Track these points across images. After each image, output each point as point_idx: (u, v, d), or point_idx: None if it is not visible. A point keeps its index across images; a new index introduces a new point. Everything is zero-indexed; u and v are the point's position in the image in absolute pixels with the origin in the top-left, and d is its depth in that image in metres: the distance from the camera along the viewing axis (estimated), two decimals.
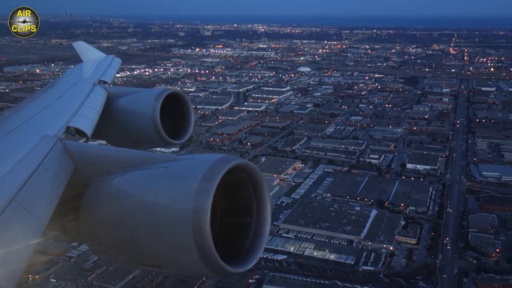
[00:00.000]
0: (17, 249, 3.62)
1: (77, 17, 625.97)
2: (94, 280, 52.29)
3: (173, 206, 4.15)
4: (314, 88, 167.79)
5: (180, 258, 4.22)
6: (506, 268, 55.99)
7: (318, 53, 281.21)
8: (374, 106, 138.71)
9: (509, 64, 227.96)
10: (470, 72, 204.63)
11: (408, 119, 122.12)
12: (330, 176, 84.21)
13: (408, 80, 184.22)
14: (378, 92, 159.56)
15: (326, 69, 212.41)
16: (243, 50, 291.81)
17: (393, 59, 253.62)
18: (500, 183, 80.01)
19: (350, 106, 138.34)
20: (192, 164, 4.50)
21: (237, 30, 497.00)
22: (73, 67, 13.47)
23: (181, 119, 8.73)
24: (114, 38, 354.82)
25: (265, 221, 4.68)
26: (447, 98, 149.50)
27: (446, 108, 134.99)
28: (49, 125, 6.07)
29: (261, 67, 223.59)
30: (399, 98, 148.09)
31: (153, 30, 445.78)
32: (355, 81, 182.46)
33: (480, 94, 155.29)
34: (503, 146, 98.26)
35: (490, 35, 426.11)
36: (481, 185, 79.41)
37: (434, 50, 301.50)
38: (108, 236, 4.70)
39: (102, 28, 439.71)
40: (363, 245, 61.49)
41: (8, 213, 3.74)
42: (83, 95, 8.20)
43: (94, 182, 4.92)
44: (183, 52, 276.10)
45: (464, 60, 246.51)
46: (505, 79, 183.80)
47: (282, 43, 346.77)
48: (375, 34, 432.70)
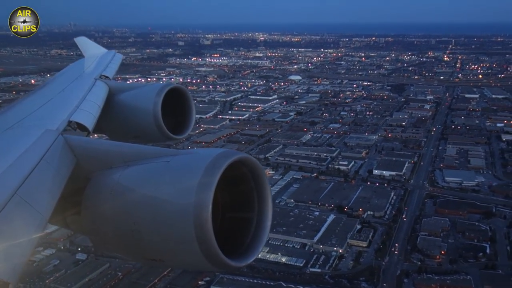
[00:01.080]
0: (19, 243, 3.62)
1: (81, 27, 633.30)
2: (52, 282, 55.39)
3: (175, 201, 4.15)
4: (301, 96, 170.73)
5: (182, 252, 4.24)
6: (448, 269, 58.46)
7: (313, 62, 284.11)
8: (355, 113, 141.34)
9: (498, 71, 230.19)
10: (458, 79, 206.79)
11: (386, 126, 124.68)
12: (298, 182, 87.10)
13: (396, 87, 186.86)
14: (363, 100, 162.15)
15: (316, 78, 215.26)
16: (239, 59, 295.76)
17: (385, 66, 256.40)
18: (460, 188, 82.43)
19: (332, 114, 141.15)
20: (193, 159, 4.53)
21: (237, 38, 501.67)
22: (75, 62, 13.23)
23: (182, 114, 8.78)
24: (114, 48, 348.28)
25: (266, 215, 4.71)
26: (429, 105, 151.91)
27: (425, 115, 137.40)
28: (51, 119, 6.07)
29: (253, 75, 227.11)
30: (382, 106, 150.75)
31: (153, 40, 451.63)
32: (342, 89, 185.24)
33: (463, 101, 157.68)
34: (471, 152, 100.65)
35: (488, 41, 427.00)
36: (442, 190, 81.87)
37: (428, 58, 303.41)
38: (109, 230, 4.72)
39: (104, 38, 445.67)
40: (315, 248, 64.25)
41: (10, 207, 3.74)
42: (84, 89, 8.24)
43: (96, 177, 4.98)
44: (179, 62, 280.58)
45: (455, 67, 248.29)
46: (491, 86, 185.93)
47: (279, 51, 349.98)
48: (373, 42, 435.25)
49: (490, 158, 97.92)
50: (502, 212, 72.90)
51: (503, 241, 64.54)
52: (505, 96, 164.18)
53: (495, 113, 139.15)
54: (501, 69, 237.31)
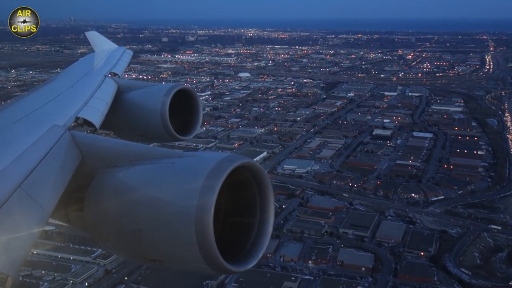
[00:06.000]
0: (20, 236, 3.63)
1: (81, 22, 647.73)
2: None
3: (177, 202, 4.18)
4: (232, 92, 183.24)
5: (182, 254, 4.25)
6: None
7: (278, 59, 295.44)
8: (265, 109, 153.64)
9: (444, 70, 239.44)
10: (396, 78, 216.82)
11: (280, 121, 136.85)
12: None
13: (330, 85, 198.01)
14: (286, 97, 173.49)
15: (263, 75, 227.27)
16: (208, 56, 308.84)
17: (341, 64, 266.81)
18: (291, 174, 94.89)
19: (244, 109, 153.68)
20: (198, 161, 4.58)
21: (226, 35, 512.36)
22: (85, 57, 13.55)
23: (189, 115, 8.91)
24: None
25: (268, 221, 4.69)
26: (341, 102, 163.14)
27: (327, 111, 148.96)
28: (59, 114, 6.13)
29: (207, 72, 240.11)
30: (296, 102, 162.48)
31: (141, 36, 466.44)
32: (278, 86, 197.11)
33: (378, 98, 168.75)
34: (330, 144, 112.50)
35: (470, 39, 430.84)
36: (275, 176, 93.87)
37: (394, 55, 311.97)
38: (111, 228, 4.75)
39: None
40: None
41: (13, 200, 3.75)
42: (93, 86, 8.33)
43: (100, 174, 4.99)
44: (148, 58, 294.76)
45: (404, 65, 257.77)
46: (420, 84, 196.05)
47: (255, 48, 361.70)
48: (353, 40, 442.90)
49: (344, 150, 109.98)
50: (306, 194, 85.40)
51: (282, 216, 76.49)
52: (420, 94, 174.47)
53: (393, 110, 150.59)
54: (447, 67, 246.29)
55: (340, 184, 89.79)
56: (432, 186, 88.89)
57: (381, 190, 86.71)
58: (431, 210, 79.26)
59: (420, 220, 75.59)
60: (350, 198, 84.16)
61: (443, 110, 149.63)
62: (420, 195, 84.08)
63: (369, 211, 79.29)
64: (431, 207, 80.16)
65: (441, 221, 75.15)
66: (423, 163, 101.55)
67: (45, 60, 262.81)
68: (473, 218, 75.86)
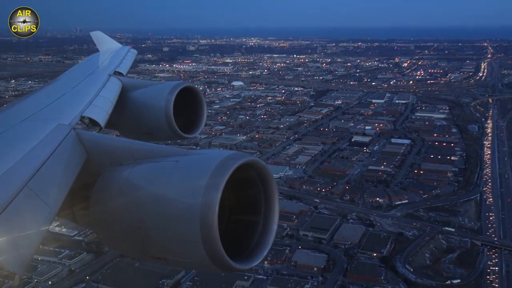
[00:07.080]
0: (27, 235, 3.66)
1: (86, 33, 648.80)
2: None
3: (182, 200, 4.20)
4: (222, 101, 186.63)
5: (186, 252, 4.27)
6: None
7: (274, 67, 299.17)
8: (251, 117, 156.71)
9: (436, 77, 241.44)
10: (387, 85, 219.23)
11: (263, 129, 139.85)
12: None
13: (320, 93, 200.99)
14: (274, 105, 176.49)
15: (255, 84, 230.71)
16: (206, 65, 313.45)
17: (335, 72, 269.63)
18: None
19: (230, 117, 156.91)
20: (202, 159, 4.58)
21: (227, 44, 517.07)
22: (90, 56, 13.60)
23: (194, 113, 8.98)
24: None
25: (273, 219, 4.70)
26: (328, 109, 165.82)
27: (311, 118, 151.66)
28: (64, 114, 6.18)
29: (202, 81, 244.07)
30: (282, 110, 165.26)
31: (143, 46, 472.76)
32: (269, 94, 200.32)
33: (365, 106, 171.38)
34: (308, 150, 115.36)
35: (470, 46, 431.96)
36: None
37: (390, 63, 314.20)
38: (116, 226, 4.79)
39: None
40: None
41: (20, 199, 3.78)
42: (98, 85, 8.38)
43: (105, 173, 5.02)
44: (146, 68, 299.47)
45: (397, 73, 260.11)
46: (410, 92, 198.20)
47: (253, 57, 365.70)
48: (352, 48, 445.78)
49: (319, 157, 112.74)
50: None
51: None
52: (407, 101, 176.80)
53: (377, 117, 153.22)
54: (440, 74, 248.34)
55: (309, 189, 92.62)
56: (398, 190, 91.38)
57: (347, 195, 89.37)
58: (392, 213, 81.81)
59: (380, 223, 78.21)
60: (317, 203, 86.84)
61: (426, 117, 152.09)
62: (385, 199, 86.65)
63: (333, 214, 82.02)
64: (393, 211, 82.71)
65: (399, 224, 77.71)
66: (395, 168, 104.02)
67: (45, 70, 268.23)
68: (432, 221, 78.24)
